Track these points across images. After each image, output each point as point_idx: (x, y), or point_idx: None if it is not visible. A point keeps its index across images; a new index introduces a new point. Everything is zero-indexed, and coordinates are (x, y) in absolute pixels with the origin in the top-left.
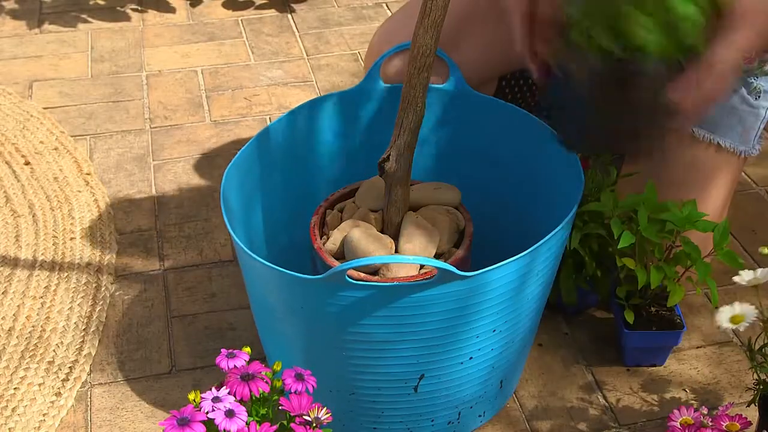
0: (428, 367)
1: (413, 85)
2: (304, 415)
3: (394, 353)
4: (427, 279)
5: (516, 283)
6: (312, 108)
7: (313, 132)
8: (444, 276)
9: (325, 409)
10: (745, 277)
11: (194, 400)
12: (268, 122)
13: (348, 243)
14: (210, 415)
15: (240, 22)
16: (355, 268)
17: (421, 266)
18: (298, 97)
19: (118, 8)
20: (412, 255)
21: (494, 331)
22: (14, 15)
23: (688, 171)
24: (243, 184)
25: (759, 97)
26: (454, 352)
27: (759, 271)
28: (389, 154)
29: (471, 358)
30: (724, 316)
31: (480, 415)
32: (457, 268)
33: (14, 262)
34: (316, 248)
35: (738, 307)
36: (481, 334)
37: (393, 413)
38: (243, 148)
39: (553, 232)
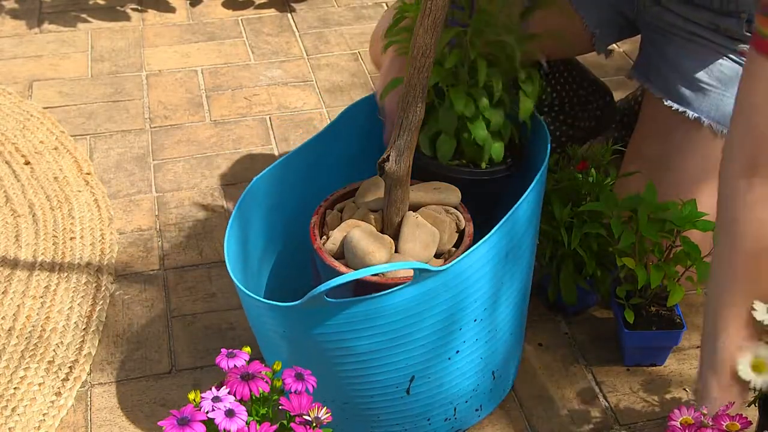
0: (417, 368)
1: (413, 85)
2: (304, 414)
3: (382, 361)
4: (401, 283)
5: (488, 267)
6: (345, 117)
7: (341, 140)
8: (420, 275)
9: (325, 408)
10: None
11: (194, 400)
12: (268, 122)
13: (348, 243)
14: (210, 415)
15: (240, 21)
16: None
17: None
18: (298, 97)
19: (118, 8)
20: (411, 255)
21: (475, 320)
22: (14, 15)
23: (703, 163)
24: (269, 193)
25: None
26: (441, 348)
27: None
28: (389, 155)
29: (458, 351)
30: (745, 366)
31: (477, 410)
32: None
33: (14, 262)
34: (315, 248)
35: (760, 350)
36: (464, 326)
37: (389, 417)
38: (273, 164)
39: (514, 207)
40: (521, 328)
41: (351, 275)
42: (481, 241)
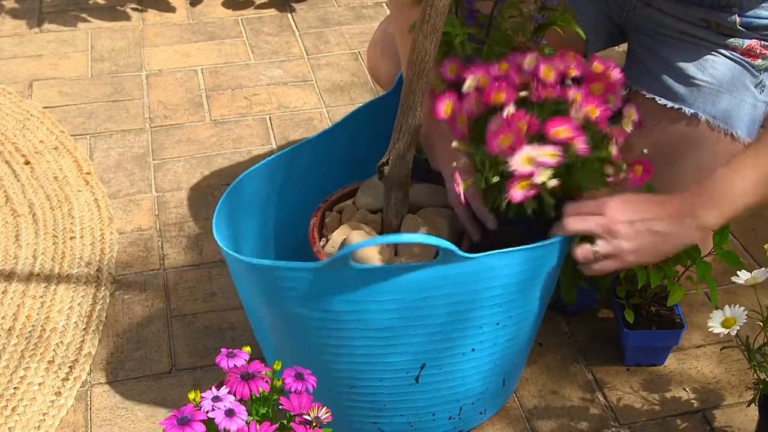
0: (430, 356)
1: (412, 89)
2: (304, 414)
3: (396, 341)
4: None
5: (522, 276)
6: (350, 120)
7: (343, 140)
8: (446, 257)
9: (325, 408)
10: (742, 277)
11: (194, 400)
12: (268, 122)
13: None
14: (210, 415)
15: (240, 21)
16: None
17: None
18: (298, 96)
19: (118, 8)
20: (410, 257)
21: (498, 324)
22: (14, 14)
23: (702, 159)
24: (260, 190)
25: (763, 91)
26: (457, 341)
27: (756, 271)
28: (388, 158)
29: (473, 349)
30: (716, 320)
31: (481, 413)
32: None
33: (14, 262)
34: (315, 251)
35: (729, 311)
36: (484, 326)
37: (394, 406)
38: (266, 159)
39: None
40: (534, 338)
41: (380, 239)
42: (520, 247)
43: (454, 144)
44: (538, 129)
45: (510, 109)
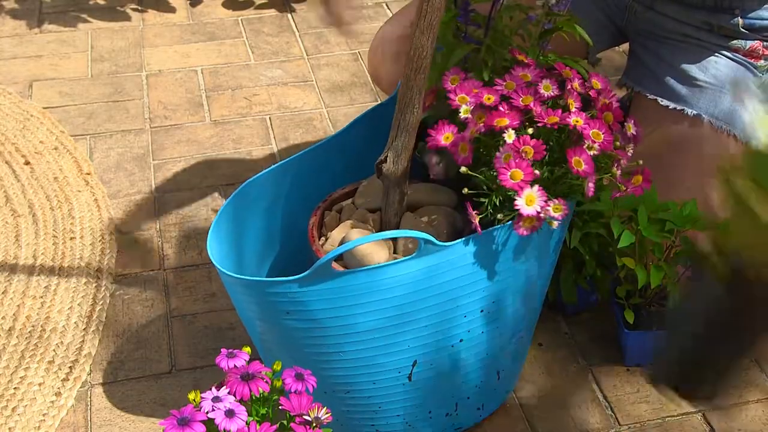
0: (420, 352)
1: (410, 86)
2: (304, 414)
3: (385, 341)
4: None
5: (498, 258)
6: (353, 127)
7: (345, 148)
8: (426, 249)
9: (324, 408)
10: None
11: (194, 400)
12: (268, 122)
13: None
14: (210, 415)
15: (240, 21)
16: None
17: None
18: (298, 97)
19: (118, 8)
20: (408, 252)
21: (482, 311)
22: (14, 15)
23: (704, 160)
24: (265, 195)
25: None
26: (444, 333)
27: None
28: (386, 156)
29: (461, 340)
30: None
31: (479, 408)
32: None
33: (14, 262)
34: (314, 250)
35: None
36: (468, 314)
37: (390, 407)
38: (266, 170)
39: None
40: (531, 334)
41: (359, 240)
42: (495, 227)
43: (463, 169)
44: (543, 156)
45: (511, 134)
